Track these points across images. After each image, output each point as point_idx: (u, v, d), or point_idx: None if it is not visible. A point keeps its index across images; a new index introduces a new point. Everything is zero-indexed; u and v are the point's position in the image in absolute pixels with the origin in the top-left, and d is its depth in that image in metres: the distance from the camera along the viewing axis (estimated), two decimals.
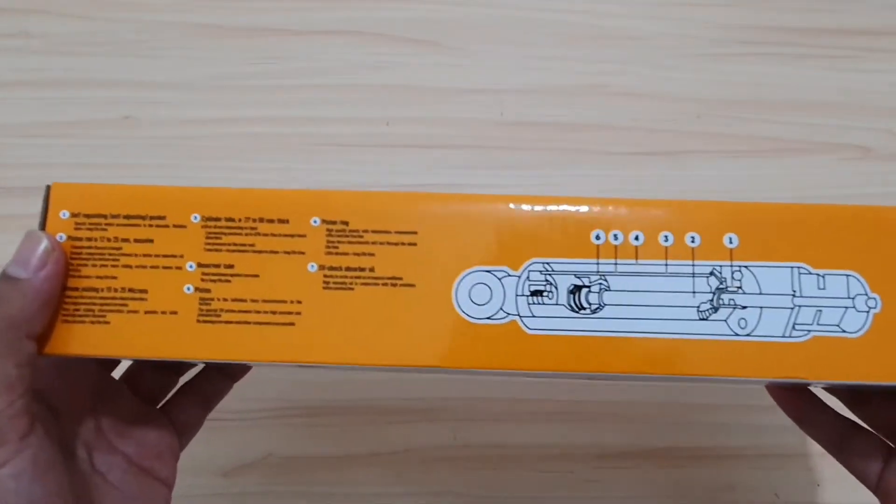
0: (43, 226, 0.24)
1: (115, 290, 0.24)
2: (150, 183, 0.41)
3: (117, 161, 0.44)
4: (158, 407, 0.30)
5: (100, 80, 0.44)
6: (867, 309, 0.23)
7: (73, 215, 0.24)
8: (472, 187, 0.43)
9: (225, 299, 0.24)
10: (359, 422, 0.44)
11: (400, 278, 0.23)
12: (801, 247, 0.23)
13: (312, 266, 0.24)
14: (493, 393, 0.43)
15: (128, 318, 0.24)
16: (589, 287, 0.23)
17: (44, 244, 0.23)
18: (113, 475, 0.27)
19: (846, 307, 0.23)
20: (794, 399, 0.30)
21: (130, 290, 0.24)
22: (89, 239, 0.24)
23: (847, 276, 0.23)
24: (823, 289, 0.23)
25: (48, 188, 0.25)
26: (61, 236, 0.24)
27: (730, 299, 0.23)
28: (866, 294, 0.23)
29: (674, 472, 0.43)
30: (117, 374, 0.30)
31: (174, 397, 0.31)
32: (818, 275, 0.23)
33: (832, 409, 0.30)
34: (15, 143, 0.44)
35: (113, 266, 0.24)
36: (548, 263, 0.23)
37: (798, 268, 0.23)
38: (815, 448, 0.42)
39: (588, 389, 0.43)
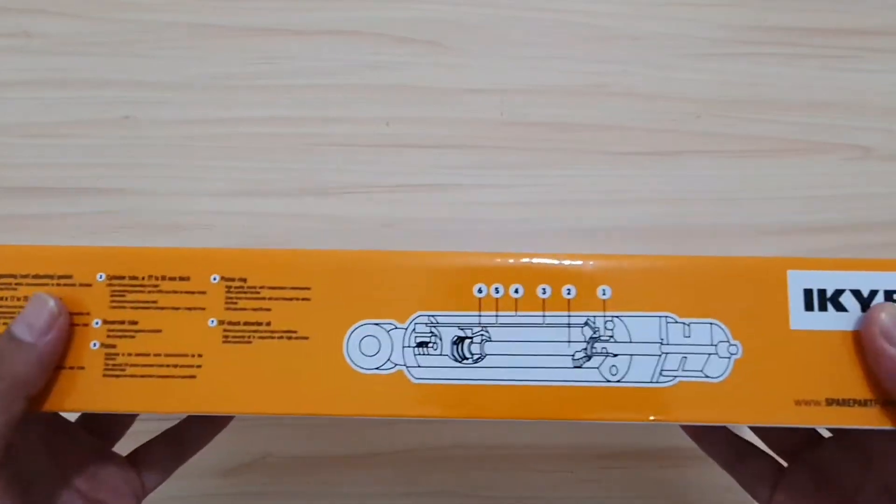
0: None
1: None
2: (149, 184, 0.42)
3: (117, 161, 0.44)
4: (134, 450, 0.31)
5: (100, 80, 0.44)
6: (729, 355, 0.24)
7: None
8: (473, 187, 0.43)
9: (129, 354, 0.25)
10: (358, 422, 0.44)
11: (295, 331, 0.25)
12: (668, 297, 0.24)
13: (213, 321, 0.25)
14: None
15: None
16: (471, 338, 0.24)
17: (49, 308, 0.24)
18: None
19: (709, 353, 0.24)
20: None
21: None
22: (1, 298, 0.25)
23: (711, 324, 0.24)
24: (689, 336, 0.24)
25: None
26: None
27: (602, 348, 0.24)
28: (728, 341, 0.24)
29: (674, 472, 0.43)
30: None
31: (150, 442, 0.31)
32: (684, 323, 0.24)
33: (727, 429, 0.31)
34: (15, 143, 0.44)
35: None
36: (433, 316, 0.25)
37: (665, 317, 0.24)
38: None
39: None
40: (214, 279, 0.25)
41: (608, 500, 0.43)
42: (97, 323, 0.25)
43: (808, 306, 0.24)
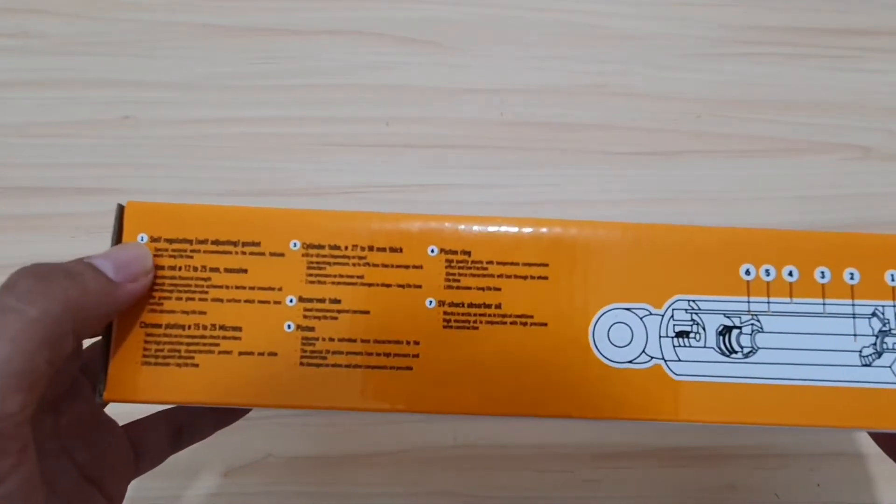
0: None
1: (205, 328, 0.21)
2: (149, 184, 0.42)
3: (117, 161, 0.44)
4: (132, 428, 0.26)
5: (100, 80, 0.44)
6: None
7: (153, 240, 0.21)
8: (473, 187, 0.43)
9: (331, 339, 0.21)
10: (359, 422, 0.44)
11: (531, 316, 0.21)
12: None
13: (431, 302, 0.21)
14: None
15: (219, 359, 0.21)
16: (740, 328, 0.21)
17: (148, 262, 0.20)
18: (60, 485, 0.23)
19: None
20: None
21: (222, 327, 0.21)
22: (173, 268, 0.21)
23: None
24: None
25: (120, 207, 0.22)
26: None
27: (894, 343, 0.21)
28: None
29: (674, 472, 0.43)
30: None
31: (148, 418, 0.27)
32: None
33: None
34: (15, 143, 0.44)
35: (201, 300, 0.21)
36: (693, 301, 0.21)
37: None
38: (816, 448, 0.42)
39: None
40: (433, 251, 0.21)
41: (608, 500, 0.43)
42: (291, 300, 0.21)
43: None
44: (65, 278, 0.19)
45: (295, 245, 0.21)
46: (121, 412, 0.26)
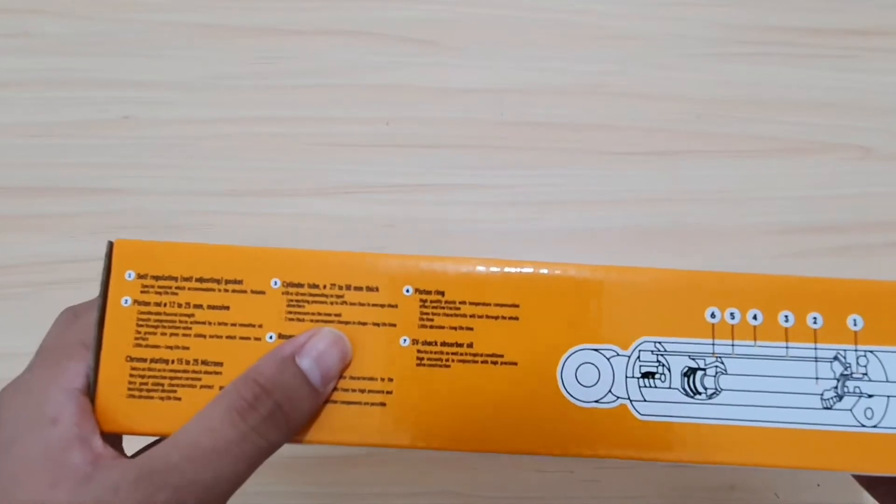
0: (106, 286, 0.22)
1: (188, 363, 0.22)
2: (149, 184, 0.42)
3: (117, 161, 0.44)
4: None
5: (100, 80, 0.44)
6: None
7: (140, 276, 0.22)
8: (473, 187, 0.43)
9: None
10: None
11: (501, 355, 0.22)
12: None
13: (405, 340, 0.22)
14: None
15: (202, 393, 0.21)
16: (705, 370, 0.21)
17: (345, 353, 0.21)
18: None
19: None
20: None
21: (204, 362, 0.22)
22: (158, 304, 0.22)
23: None
24: None
25: (110, 245, 0.22)
26: (126, 300, 0.22)
27: (855, 387, 0.21)
28: None
29: (674, 472, 0.43)
30: None
31: None
32: None
33: None
34: (15, 143, 0.44)
35: (185, 335, 0.22)
36: (660, 343, 0.21)
37: None
38: None
39: None
40: (407, 291, 0.22)
41: (608, 500, 0.43)
42: (271, 337, 0.22)
43: None
44: (291, 404, 0.20)
45: (276, 283, 0.22)
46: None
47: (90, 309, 0.22)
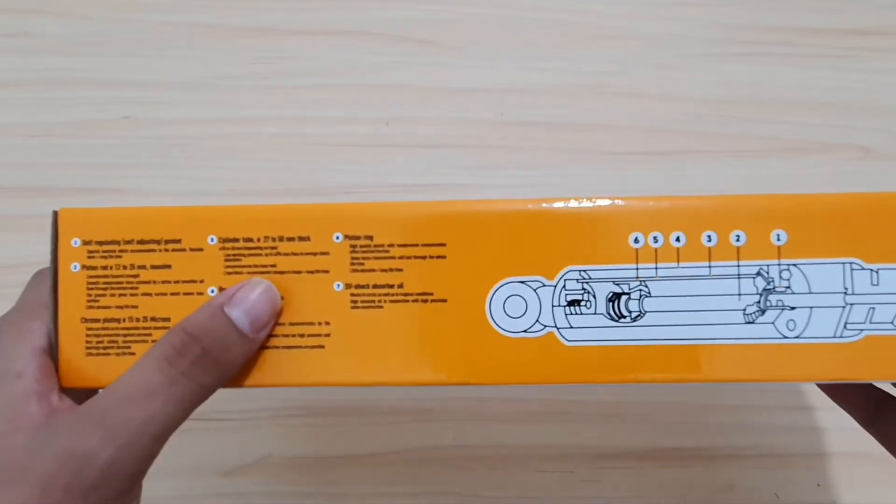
0: (55, 254, 0.23)
1: (138, 320, 0.23)
2: (149, 184, 0.42)
3: (117, 161, 0.44)
4: None
5: (100, 80, 0.44)
6: None
7: (85, 243, 0.23)
8: (473, 187, 0.43)
9: None
10: (359, 422, 0.44)
11: (431, 293, 0.22)
12: (853, 240, 0.22)
13: (339, 285, 0.23)
14: (493, 393, 0.43)
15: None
16: (629, 294, 0.22)
17: (275, 302, 0.23)
18: None
19: None
20: None
21: (153, 318, 0.23)
22: (104, 268, 0.23)
23: None
24: (877, 284, 0.21)
25: (55, 214, 0.23)
26: (75, 266, 0.23)
27: (777, 300, 0.22)
28: None
29: (674, 472, 0.43)
30: None
31: None
32: (871, 269, 0.22)
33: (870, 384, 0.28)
34: (15, 143, 0.44)
35: (132, 295, 0.23)
36: (584, 271, 0.22)
37: (850, 263, 0.22)
38: (815, 448, 0.42)
39: (588, 390, 0.43)
40: (337, 238, 0.23)
41: (608, 500, 0.43)
42: (212, 291, 0.23)
43: None
44: (220, 349, 0.22)
45: (212, 240, 0.23)
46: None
47: None
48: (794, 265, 0.22)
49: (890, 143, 0.43)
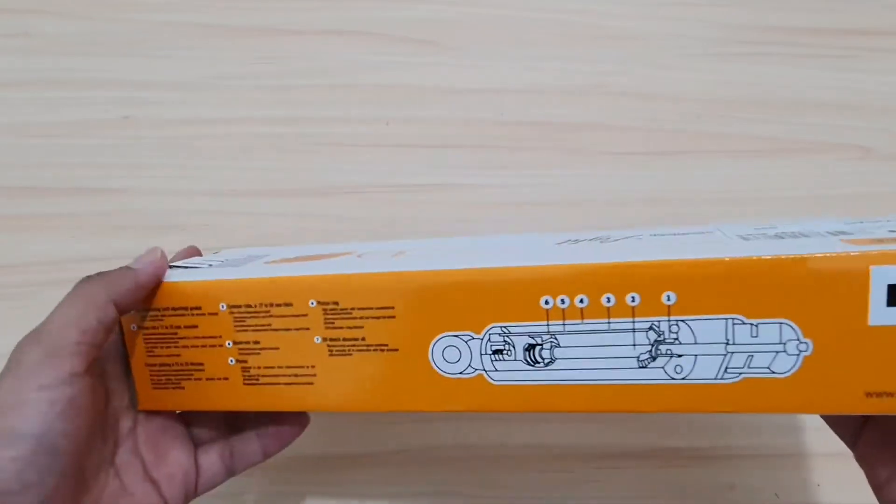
0: (119, 322, 0.31)
1: (181, 365, 0.31)
2: (149, 184, 0.42)
3: (117, 161, 0.44)
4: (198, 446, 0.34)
5: (100, 80, 0.44)
6: (798, 352, 0.24)
7: (137, 312, 0.31)
8: (473, 187, 0.43)
9: (259, 367, 0.30)
10: (359, 422, 0.44)
11: (386, 344, 0.28)
12: (736, 299, 0.24)
13: (318, 339, 0.29)
14: None
15: (195, 384, 0.31)
16: (542, 345, 0.26)
17: (158, 253, 0.30)
18: (127, 477, 0.30)
19: (777, 351, 0.24)
20: None
21: (191, 363, 0.31)
22: (154, 328, 0.31)
23: (780, 323, 0.24)
24: (756, 336, 0.24)
25: None
26: (133, 326, 0.31)
27: (667, 349, 0.25)
28: (798, 339, 0.24)
29: (674, 472, 0.43)
30: None
31: (209, 443, 0.34)
32: (752, 324, 0.24)
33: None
34: (15, 143, 0.44)
35: (175, 347, 0.30)
36: (505, 327, 0.27)
37: (732, 319, 0.25)
38: (816, 448, 0.43)
39: None
40: (312, 304, 0.28)
41: (608, 500, 0.43)
42: (229, 344, 0.30)
43: (892, 301, 0.23)
44: (109, 274, 0.29)
45: (223, 307, 0.30)
46: None
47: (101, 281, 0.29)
48: (683, 321, 0.25)
49: (890, 143, 0.43)
